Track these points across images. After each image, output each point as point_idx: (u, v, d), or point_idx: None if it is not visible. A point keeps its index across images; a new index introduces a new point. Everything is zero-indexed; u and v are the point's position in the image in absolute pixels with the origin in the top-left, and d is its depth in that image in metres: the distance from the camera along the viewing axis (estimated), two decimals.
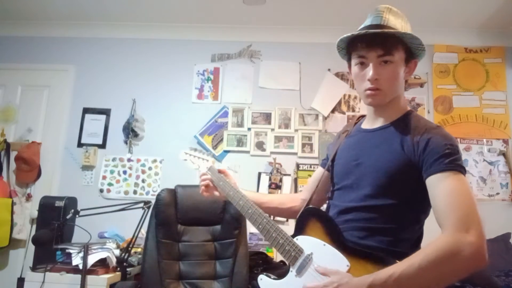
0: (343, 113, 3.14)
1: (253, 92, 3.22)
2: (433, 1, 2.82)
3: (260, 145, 3.13)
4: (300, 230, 1.21)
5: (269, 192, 2.97)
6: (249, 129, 3.16)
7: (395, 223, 1.09)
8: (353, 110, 3.15)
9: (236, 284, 2.25)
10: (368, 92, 1.14)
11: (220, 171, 1.47)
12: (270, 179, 3.00)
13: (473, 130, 3.08)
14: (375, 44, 1.12)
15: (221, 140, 3.16)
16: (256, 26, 3.26)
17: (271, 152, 3.10)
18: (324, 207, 1.36)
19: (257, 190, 3.01)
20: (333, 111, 3.13)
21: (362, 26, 1.19)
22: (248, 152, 3.13)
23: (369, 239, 1.10)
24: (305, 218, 1.21)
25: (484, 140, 3.06)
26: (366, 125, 1.27)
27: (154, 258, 2.26)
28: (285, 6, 2.96)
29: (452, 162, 1.02)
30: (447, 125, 3.10)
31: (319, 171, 1.42)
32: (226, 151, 3.14)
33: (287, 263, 1.19)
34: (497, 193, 2.97)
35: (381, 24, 1.15)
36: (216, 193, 1.44)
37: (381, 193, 1.11)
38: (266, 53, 3.27)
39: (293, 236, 1.20)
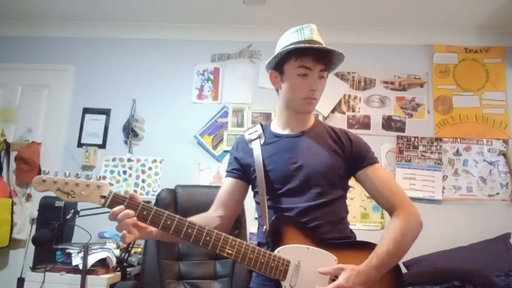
0: (343, 113, 3.15)
1: (253, 92, 3.22)
2: (433, 1, 2.82)
3: None
4: (277, 242, 1.18)
5: None
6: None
7: (342, 214, 1.29)
8: (353, 110, 3.16)
9: (236, 284, 2.25)
10: (309, 100, 1.27)
11: (132, 197, 1.11)
12: None
13: (473, 130, 3.08)
14: (322, 59, 1.24)
15: (221, 140, 3.16)
16: (256, 26, 3.26)
17: None
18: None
19: None
20: (333, 111, 3.14)
21: (300, 39, 1.25)
22: None
23: (333, 231, 1.23)
24: (278, 229, 1.19)
25: (484, 140, 3.06)
26: (282, 131, 1.35)
27: (154, 258, 2.26)
28: (285, 6, 2.96)
29: (373, 156, 1.30)
30: (447, 125, 3.10)
31: (230, 183, 1.36)
32: (226, 151, 3.14)
33: (277, 279, 1.13)
34: (497, 193, 2.97)
35: (320, 42, 1.25)
36: (138, 235, 1.11)
37: (331, 189, 1.25)
38: (266, 53, 3.27)
39: (272, 250, 1.16)
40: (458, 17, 3.03)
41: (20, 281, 2.56)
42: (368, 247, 1.17)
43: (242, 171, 1.36)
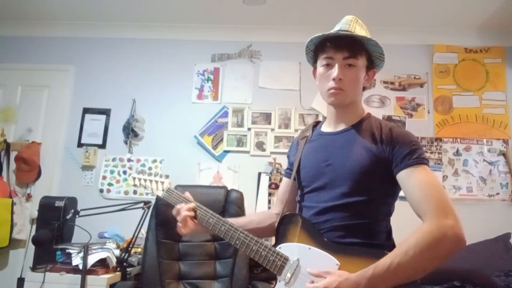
0: None
1: (253, 92, 3.22)
2: (433, 1, 2.82)
3: (260, 145, 3.13)
4: (281, 238, 1.21)
5: (269, 193, 2.98)
6: (249, 129, 3.16)
7: (371, 218, 1.16)
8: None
9: (236, 284, 2.25)
10: (332, 91, 1.21)
11: (186, 196, 1.41)
12: (270, 179, 3.00)
13: (473, 130, 3.08)
14: (343, 46, 1.20)
15: (221, 140, 3.16)
16: (256, 26, 3.26)
17: (271, 152, 3.09)
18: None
19: (257, 190, 3.02)
20: None
21: (332, 31, 1.25)
22: (248, 152, 3.13)
23: (351, 236, 1.14)
24: (284, 226, 1.22)
25: (484, 140, 3.06)
26: (327, 129, 1.33)
27: (154, 258, 2.27)
28: (285, 6, 2.96)
29: (419, 157, 1.13)
30: (447, 125, 3.10)
31: (286, 182, 1.42)
32: (226, 151, 3.14)
33: (274, 273, 1.18)
34: (497, 193, 2.97)
35: (349, 31, 1.22)
36: (193, 227, 1.32)
37: (357, 190, 1.16)
38: (266, 53, 3.27)
39: (275, 245, 1.21)
40: (458, 17, 3.03)
41: (20, 281, 2.57)
42: (378, 256, 1.05)
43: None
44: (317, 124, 1.41)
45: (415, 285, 1.05)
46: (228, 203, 2.46)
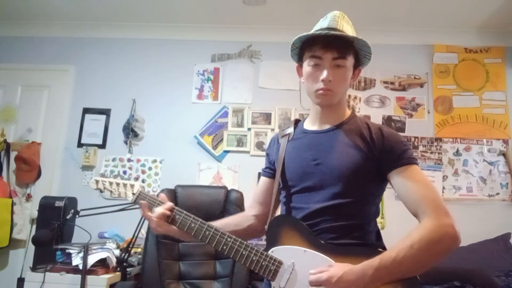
0: None
1: (253, 92, 3.22)
2: (433, 1, 2.82)
3: (260, 145, 3.12)
4: (273, 241, 1.15)
5: None
6: (249, 129, 3.16)
7: (363, 218, 1.16)
8: (353, 110, 3.15)
9: (236, 284, 2.26)
10: (321, 92, 1.18)
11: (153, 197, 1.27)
12: None
13: (473, 130, 3.08)
14: (332, 47, 1.16)
15: (221, 140, 3.16)
16: (256, 26, 3.26)
17: None
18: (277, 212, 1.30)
19: None
20: None
21: (318, 28, 1.22)
22: (248, 152, 3.13)
23: (345, 237, 1.12)
24: (276, 228, 1.16)
25: (484, 140, 3.06)
26: (311, 127, 1.29)
27: (154, 258, 2.27)
28: (285, 6, 2.96)
29: (410, 156, 1.14)
30: (447, 125, 3.10)
31: (265, 182, 1.36)
32: (226, 151, 3.14)
33: (267, 279, 1.13)
34: (497, 193, 2.97)
35: (337, 29, 1.18)
36: (173, 226, 1.21)
37: (349, 190, 1.14)
38: (266, 53, 3.27)
39: (267, 249, 1.15)
40: (458, 17, 3.03)
41: (20, 281, 2.57)
42: (374, 255, 1.04)
43: (274, 169, 1.33)
44: (297, 121, 1.37)
45: (415, 283, 1.04)
46: (228, 203, 2.46)
